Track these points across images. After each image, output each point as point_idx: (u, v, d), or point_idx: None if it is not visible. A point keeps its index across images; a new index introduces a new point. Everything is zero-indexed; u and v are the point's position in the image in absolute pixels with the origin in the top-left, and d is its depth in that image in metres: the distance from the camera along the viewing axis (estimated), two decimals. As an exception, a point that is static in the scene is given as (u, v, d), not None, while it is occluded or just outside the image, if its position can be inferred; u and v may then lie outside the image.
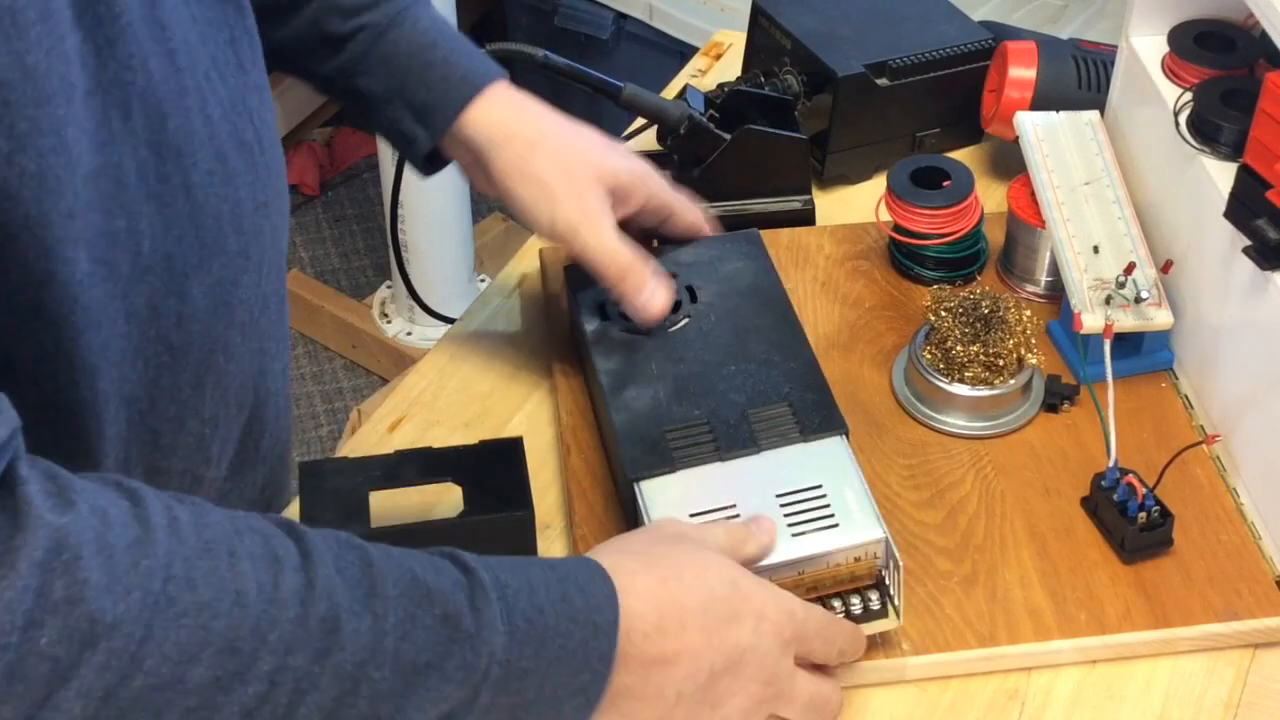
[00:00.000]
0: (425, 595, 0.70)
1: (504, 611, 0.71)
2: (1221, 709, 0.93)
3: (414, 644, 0.69)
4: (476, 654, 0.70)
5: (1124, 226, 1.12)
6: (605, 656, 0.74)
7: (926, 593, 0.97)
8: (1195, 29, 1.12)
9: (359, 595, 0.68)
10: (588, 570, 0.77)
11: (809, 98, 1.30)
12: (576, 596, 0.74)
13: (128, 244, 0.76)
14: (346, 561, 0.69)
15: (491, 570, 0.73)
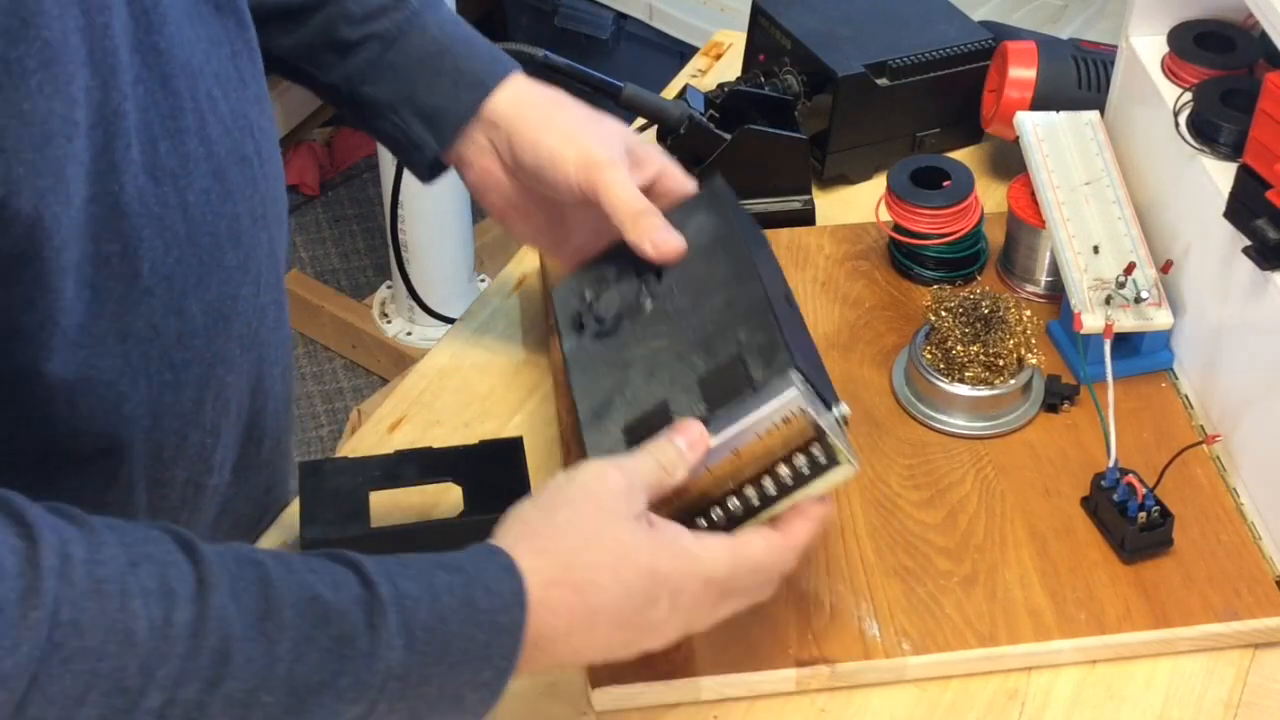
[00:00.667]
0: (322, 615, 0.70)
1: (402, 625, 0.71)
2: (1221, 709, 0.93)
3: (308, 665, 0.69)
4: (372, 671, 0.70)
5: (1124, 226, 1.12)
6: (510, 653, 0.75)
7: (926, 593, 0.97)
8: (1195, 29, 1.12)
9: (253, 620, 0.68)
10: (496, 569, 0.76)
11: (809, 98, 1.30)
12: (482, 599, 0.74)
13: (121, 268, 0.76)
14: (243, 584, 0.69)
15: (392, 581, 0.72)
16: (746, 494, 0.86)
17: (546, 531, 0.78)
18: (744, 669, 0.93)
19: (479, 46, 1.03)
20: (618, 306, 0.97)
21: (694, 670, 0.93)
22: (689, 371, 0.90)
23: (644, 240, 0.95)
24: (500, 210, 1.03)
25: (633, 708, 0.93)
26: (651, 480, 0.82)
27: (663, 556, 0.80)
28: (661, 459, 0.83)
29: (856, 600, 0.96)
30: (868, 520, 1.01)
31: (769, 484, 0.86)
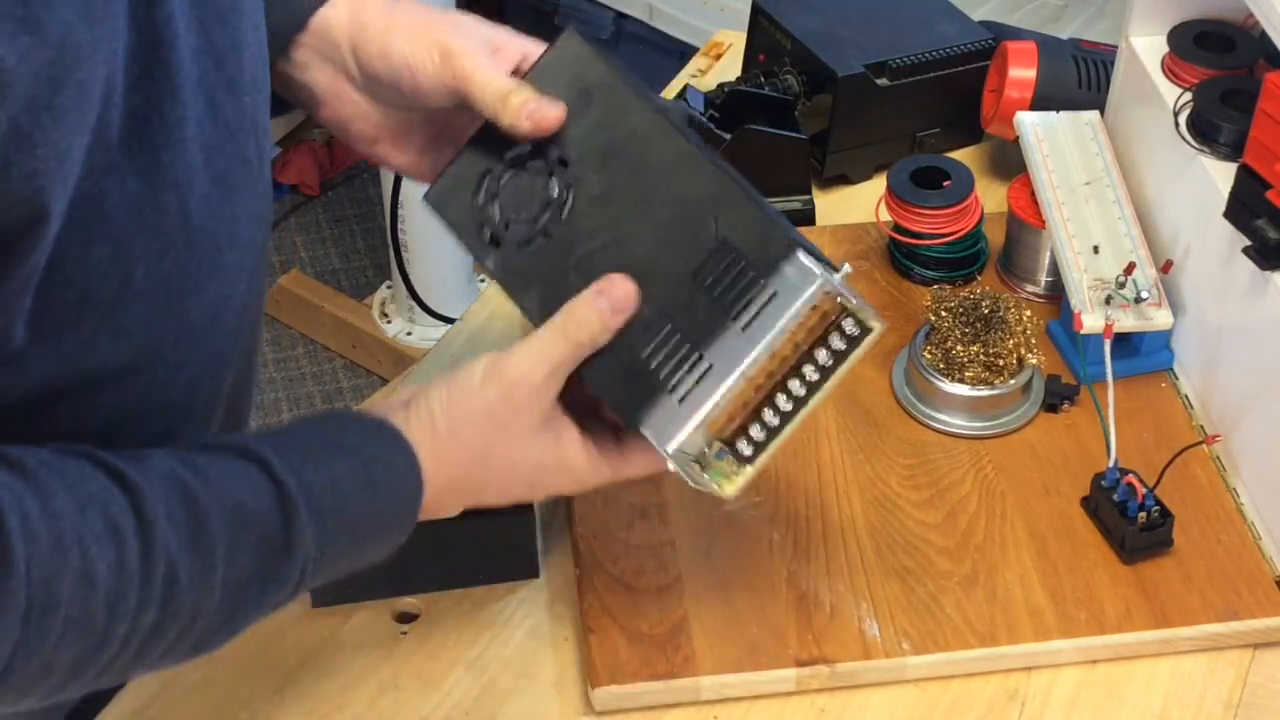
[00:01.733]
0: (244, 521, 0.75)
1: (313, 515, 0.77)
2: (1221, 709, 0.93)
3: (239, 568, 0.75)
4: (292, 562, 0.77)
5: (1124, 226, 1.12)
6: (411, 514, 0.82)
7: (926, 593, 0.97)
8: (1195, 29, 1.12)
9: (188, 539, 0.73)
10: (388, 447, 0.81)
11: (809, 98, 1.30)
12: (381, 477, 0.80)
13: (112, 272, 0.76)
14: (174, 507, 0.73)
15: (298, 475, 0.77)
16: (791, 387, 0.83)
17: (449, 444, 0.83)
18: (744, 669, 0.93)
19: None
20: (530, 205, 0.88)
21: (694, 670, 0.93)
22: (666, 269, 0.84)
23: (519, 118, 0.88)
24: (370, 140, 0.95)
25: (633, 708, 0.93)
26: (564, 364, 0.84)
27: (548, 474, 0.86)
28: (580, 338, 0.83)
29: (856, 600, 0.96)
30: (868, 520, 1.01)
31: (810, 371, 0.83)
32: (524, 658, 0.96)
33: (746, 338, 0.82)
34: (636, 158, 0.87)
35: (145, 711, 0.93)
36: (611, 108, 0.89)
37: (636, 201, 0.86)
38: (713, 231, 0.84)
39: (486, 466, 0.84)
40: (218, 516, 0.75)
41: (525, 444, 0.85)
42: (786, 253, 0.82)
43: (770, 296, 0.82)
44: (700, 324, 0.83)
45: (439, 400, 0.84)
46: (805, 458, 1.05)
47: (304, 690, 0.94)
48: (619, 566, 0.98)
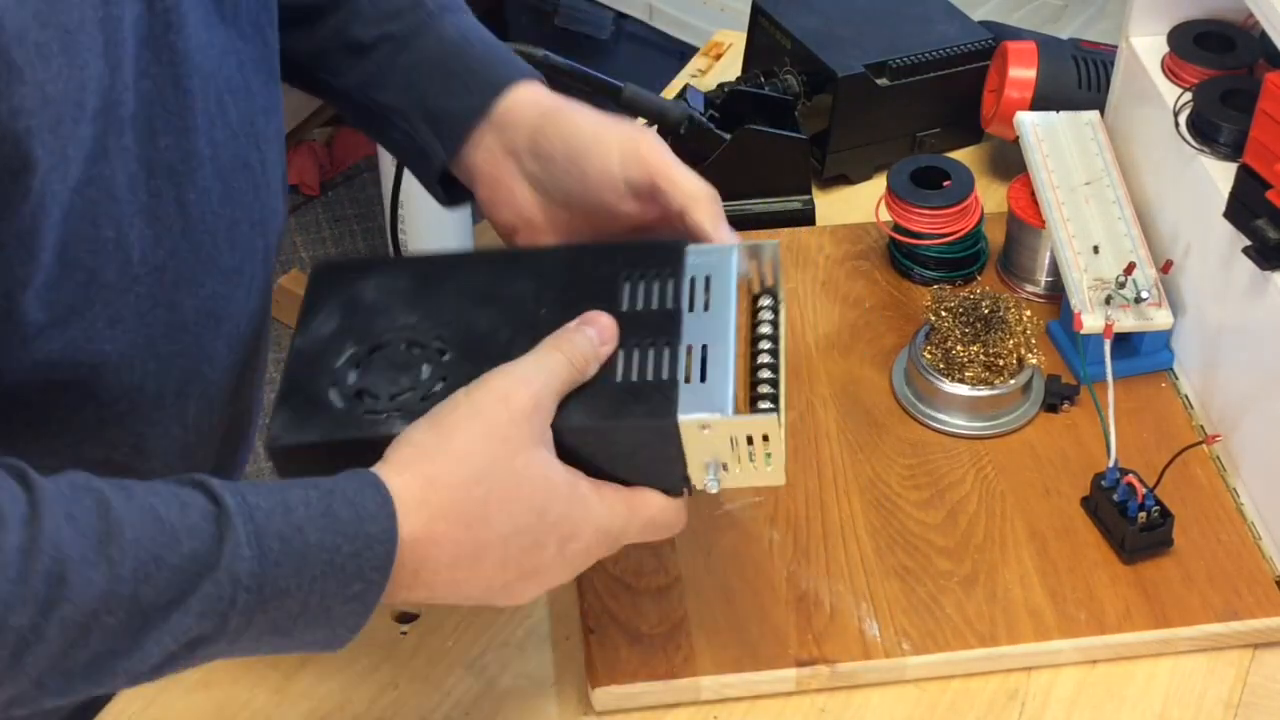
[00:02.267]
0: (168, 535, 0.68)
1: (252, 535, 0.69)
2: (1221, 709, 0.93)
3: (154, 586, 0.68)
4: (219, 585, 0.69)
5: (1124, 226, 1.12)
6: (381, 565, 0.72)
7: (926, 593, 0.97)
8: (1195, 29, 1.12)
9: (92, 543, 0.67)
10: (358, 483, 0.73)
11: (809, 98, 1.30)
12: (343, 510, 0.71)
13: (115, 255, 0.77)
14: (80, 509, 0.67)
15: (241, 495, 0.70)
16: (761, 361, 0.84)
17: (440, 459, 0.75)
18: (744, 669, 0.93)
19: (495, 50, 0.98)
20: (408, 372, 0.83)
21: (694, 670, 0.93)
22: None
23: (719, 227, 0.87)
24: (510, 227, 0.97)
25: (633, 708, 0.93)
26: (562, 384, 0.78)
27: (558, 501, 0.77)
28: (573, 356, 0.79)
29: (856, 600, 0.96)
30: (868, 520, 1.01)
31: (765, 345, 0.84)
32: (524, 658, 0.96)
33: (712, 313, 0.82)
34: (481, 290, 0.86)
35: (145, 712, 0.93)
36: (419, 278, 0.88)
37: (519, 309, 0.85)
38: (604, 276, 0.85)
39: (488, 483, 0.75)
40: (134, 527, 0.68)
41: (528, 457, 0.76)
42: (680, 246, 0.85)
43: (705, 279, 0.83)
44: (663, 329, 0.82)
45: (419, 427, 0.77)
46: (805, 458, 1.05)
47: (304, 690, 0.94)
48: (619, 566, 0.98)
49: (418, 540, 0.73)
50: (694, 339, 0.82)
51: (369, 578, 0.72)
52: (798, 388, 1.11)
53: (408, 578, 0.74)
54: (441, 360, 0.83)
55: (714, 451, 0.80)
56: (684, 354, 0.81)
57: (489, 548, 0.75)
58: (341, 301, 0.86)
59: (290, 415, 0.82)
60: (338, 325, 0.85)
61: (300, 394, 0.83)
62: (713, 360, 0.81)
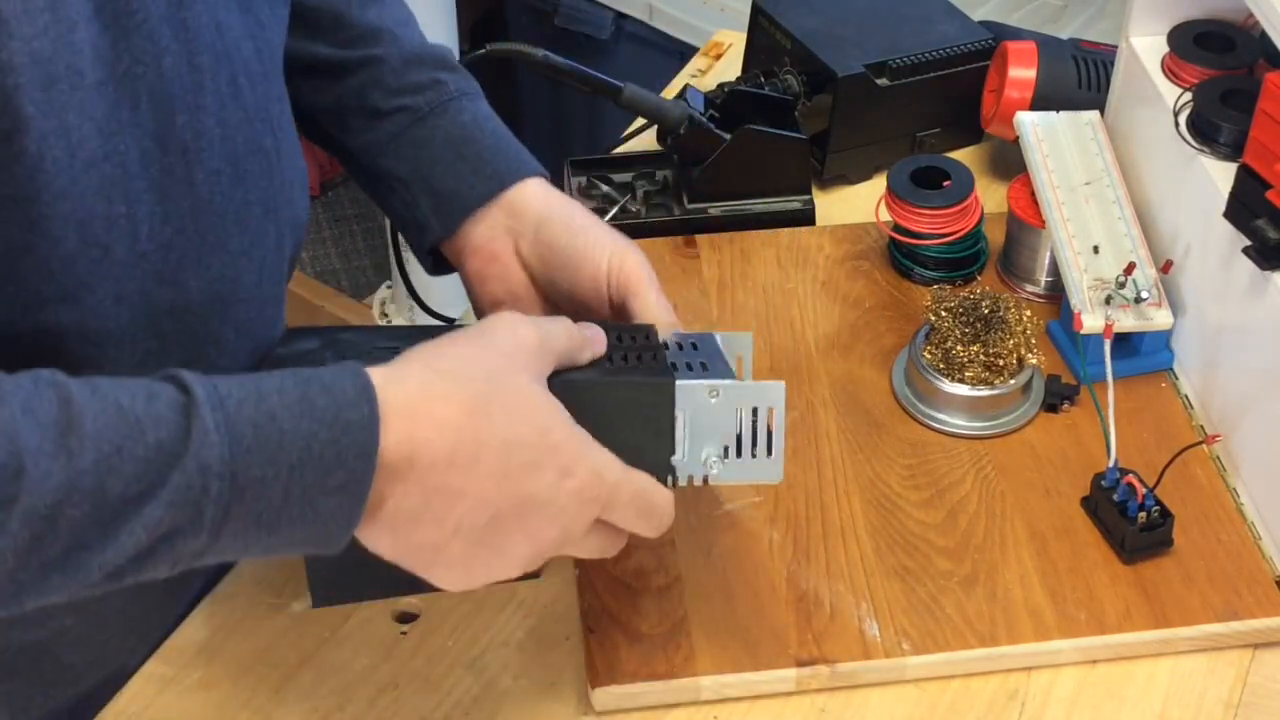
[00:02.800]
0: (133, 425, 0.67)
1: (221, 423, 0.68)
2: (1221, 709, 0.93)
3: (120, 477, 0.66)
4: (188, 474, 0.67)
5: (1124, 226, 1.12)
6: (363, 453, 0.70)
7: (926, 593, 0.97)
8: (1195, 29, 1.12)
9: (52, 435, 0.65)
10: (338, 371, 0.72)
11: (809, 98, 1.30)
12: (319, 397, 0.70)
13: (126, 230, 0.77)
14: (41, 400, 0.66)
15: (212, 385, 0.69)
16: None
17: (446, 356, 0.75)
18: (744, 669, 0.93)
19: (508, 144, 1.00)
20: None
21: (694, 670, 0.93)
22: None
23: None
24: (497, 301, 0.98)
25: (633, 708, 0.93)
26: (562, 346, 0.79)
27: (559, 424, 0.76)
28: (572, 331, 0.81)
29: (856, 600, 0.96)
30: (868, 520, 1.01)
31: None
32: (524, 658, 0.96)
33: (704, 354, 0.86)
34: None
35: (145, 712, 0.93)
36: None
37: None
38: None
39: (492, 384, 0.74)
40: (95, 417, 0.66)
41: (533, 381, 0.76)
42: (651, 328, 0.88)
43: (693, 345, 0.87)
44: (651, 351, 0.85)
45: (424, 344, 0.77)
46: (805, 458, 1.05)
47: (304, 690, 0.94)
48: (619, 566, 0.98)
49: (415, 417, 0.72)
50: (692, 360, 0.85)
51: (351, 466, 0.70)
52: (798, 387, 1.11)
53: (402, 465, 0.72)
54: None
55: (718, 427, 0.80)
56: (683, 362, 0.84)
57: (488, 448, 0.74)
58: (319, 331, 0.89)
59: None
60: (318, 343, 0.87)
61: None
62: (713, 369, 0.84)
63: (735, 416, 0.80)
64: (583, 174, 1.30)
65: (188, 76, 0.79)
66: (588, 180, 1.29)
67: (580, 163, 1.30)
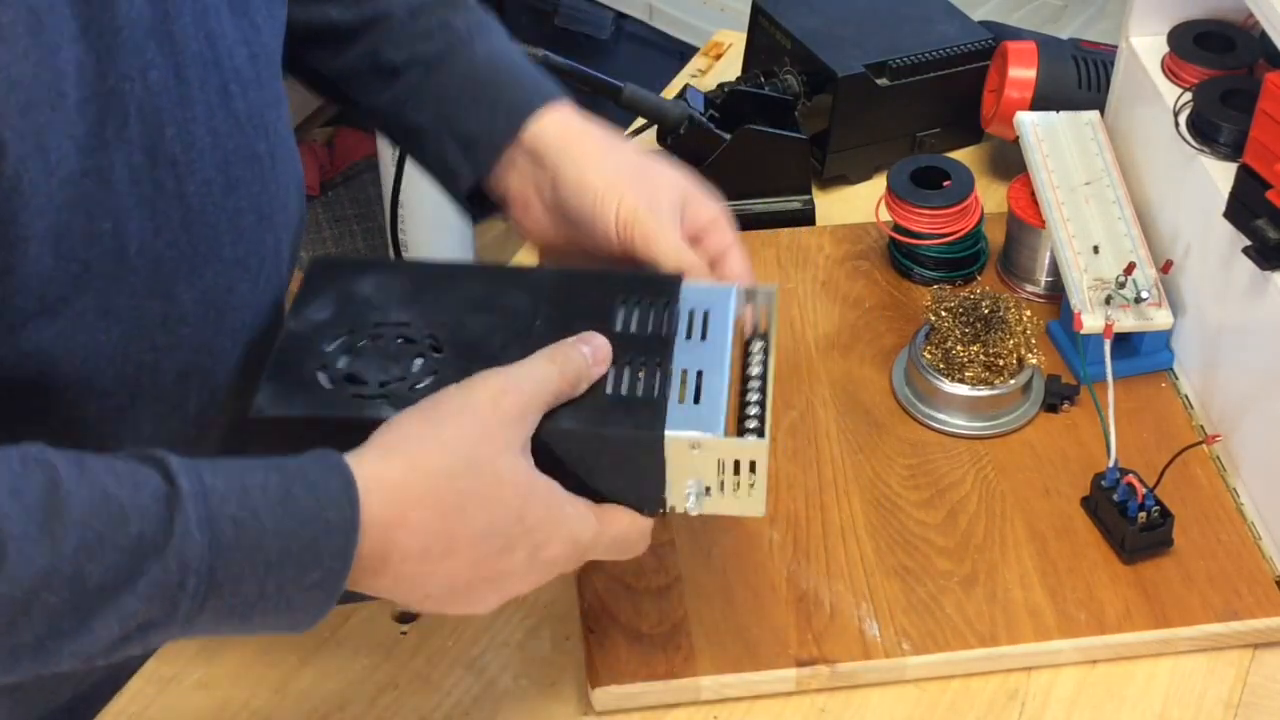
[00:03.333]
0: (117, 514, 0.67)
1: (205, 519, 0.68)
2: (1221, 709, 0.93)
3: (101, 566, 0.66)
4: (168, 570, 0.67)
5: (1124, 226, 1.12)
6: (341, 553, 0.71)
7: (926, 593, 0.97)
8: (1195, 29, 1.12)
9: (37, 519, 0.65)
10: (322, 467, 0.72)
11: (809, 98, 1.30)
12: (303, 496, 0.70)
13: (111, 245, 0.77)
14: (28, 483, 0.66)
15: (197, 477, 0.69)
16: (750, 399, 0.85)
17: (426, 446, 0.75)
18: (744, 669, 0.93)
19: (524, 74, 0.99)
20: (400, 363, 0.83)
21: (694, 670, 0.93)
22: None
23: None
24: (537, 244, 0.98)
25: (633, 708, 0.93)
26: (551, 395, 0.79)
27: (535, 506, 0.77)
28: (566, 370, 0.79)
29: (856, 600, 0.96)
30: (868, 520, 1.01)
31: (754, 384, 0.86)
32: (524, 658, 0.96)
33: (709, 342, 0.84)
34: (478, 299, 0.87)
35: (145, 711, 0.93)
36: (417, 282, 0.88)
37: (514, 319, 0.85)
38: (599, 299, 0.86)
39: (472, 475, 0.75)
40: (82, 505, 0.66)
41: (512, 461, 0.76)
42: (677, 279, 0.87)
43: (704, 313, 0.85)
44: (655, 352, 0.83)
45: (410, 416, 0.77)
46: (805, 458, 1.05)
47: (304, 690, 0.94)
48: (619, 567, 0.98)
49: (390, 525, 0.73)
50: (689, 365, 0.83)
51: (328, 565, 0.71)
52: (798, 388, 1.11)
53: (375, 563, 0.73)
54: (433, 356, 0.83)
55: (699, 473, 0.81)
56: (678, 376, 0.82)
57: (462, 544, 0.75)
58: (336, 294, 0.87)
59: (276, 389, 0.81)
60: (332, 314, 0.86)
61: (288, 373, 0.82)
62: (707, 385, 0.82)
63: (716, 467, 0.81)
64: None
65: (175, 89, 0.79)
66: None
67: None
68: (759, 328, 0.89)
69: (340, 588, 0.72)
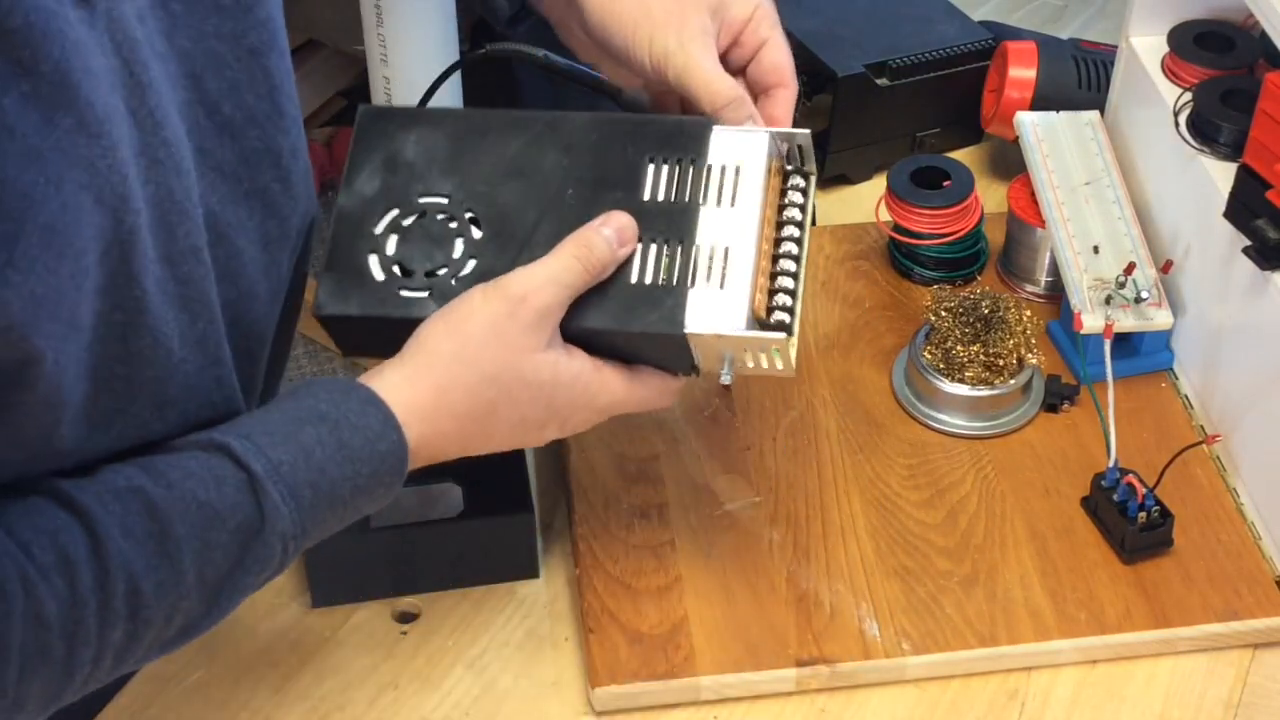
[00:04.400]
0: (213, 517, 0.74)
1: (285, 494, 0.75)
2: (1221, 709, 0.93)
3: (214, 564, 0.74)
4: (269, 545, 0.76)
5: (1124, 226, 1.12)
6: (397, 471, 0.79)
7: (926, 593, 0.97)
8: (1195, 29, 1.12)
9: (152, 549, 0.72)
10: (360, 405, 0.78)
11: (809, 98, 1.30)
12: (353, 438, 0.77)
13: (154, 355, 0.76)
14: (132, 519, 0.72)
15: (264, 455, 0.75)
16: (785, 250, 0.87)
17: (453, 366, 0.81)
18: (744, 669, 0.93)
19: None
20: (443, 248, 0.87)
21: (694, 670, 0.93)
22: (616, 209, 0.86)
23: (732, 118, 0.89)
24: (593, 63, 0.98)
25: (633, 708, 0.93)
26: (575, 290, 0.83)
27: (562, 392, 0.83)
28: (589, 262, 0.83)
29: (856, 600, 0.96)
30: (868, 520, 1.01)
31: (790, 233, 0.87)
32: (524, 658, 0.96)
33: (738, 209, 0.85)
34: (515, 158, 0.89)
35: (145, 711, 0.93)
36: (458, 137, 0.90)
37: (547, 187, 0.88)
38: (630, 156, 0.88)
39: (498, 386, 0.81)
40: (182, 520, 0.73)
41: (536, 362, 0.82)
42: (706, 125, 0.87)
43: (736, 168, 0.86)
44: (679, 227, 0.85)
45: (437, 331, 0.82)
46: (805, 458, 1.05)
47: (304, 690, 0.94)
48: (619, 566, 0.98)
49: (430, 439, 0.81)
50: (716, 238, 0.85)
51: (388, 482, 0.79)
52: (798, 388, 1.11)
53: (423, 461, 0.82)
54: (472, 238, 0.87)
55: (727, 352, 0.84)
56: (705, 256, 0.84)
57: (496, 434, 0.83)
58: (384, 158, 0.90)
59: (334, 284, 0.87)
60: (379, 186, 0.89)
61: (343, 260, 0.88)
62: (732, 266, 0.84)
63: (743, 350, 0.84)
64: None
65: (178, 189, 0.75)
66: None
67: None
68: (800, 164, 0.89)
69: (396, 492, 0.81)
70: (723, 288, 0.83)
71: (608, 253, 0.83)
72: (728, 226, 0.85)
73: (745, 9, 0.93)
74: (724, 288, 0.83)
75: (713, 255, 0.84)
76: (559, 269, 0.82)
